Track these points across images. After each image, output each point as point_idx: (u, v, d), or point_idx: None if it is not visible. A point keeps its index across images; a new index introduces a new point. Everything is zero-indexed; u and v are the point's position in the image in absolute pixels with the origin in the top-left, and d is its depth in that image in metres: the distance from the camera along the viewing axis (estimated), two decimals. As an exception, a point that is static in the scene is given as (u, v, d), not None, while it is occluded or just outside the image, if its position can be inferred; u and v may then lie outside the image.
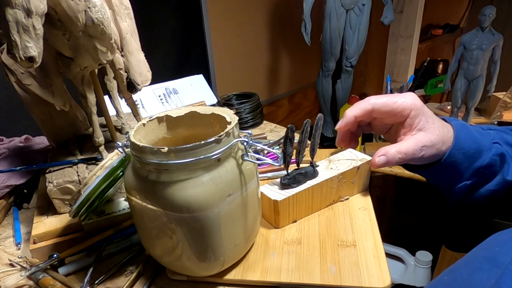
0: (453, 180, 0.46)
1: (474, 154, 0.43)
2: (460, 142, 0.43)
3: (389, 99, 0.44)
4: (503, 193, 0.44)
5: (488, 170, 0.44)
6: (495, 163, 0.43)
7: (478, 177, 0.44)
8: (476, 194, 0.45)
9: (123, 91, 0.58)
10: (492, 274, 0.28)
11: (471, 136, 0.44)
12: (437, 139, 0.43)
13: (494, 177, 0.44)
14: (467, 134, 0.44)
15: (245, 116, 0.93)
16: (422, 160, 0.44)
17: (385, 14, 1.19)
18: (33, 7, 0.38)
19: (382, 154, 0.45)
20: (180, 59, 1.26)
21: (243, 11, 1.39)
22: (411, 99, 0.44)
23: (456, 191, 0.46)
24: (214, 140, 0.37)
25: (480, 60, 1.23)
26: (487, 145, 0.44)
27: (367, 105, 0.45)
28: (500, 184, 0.44)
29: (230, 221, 0.41)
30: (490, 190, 0.44)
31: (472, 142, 0.44)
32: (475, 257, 0.32)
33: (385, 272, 0.44)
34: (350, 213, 0.55)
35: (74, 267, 0.49)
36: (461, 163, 0.44)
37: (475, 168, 0.44)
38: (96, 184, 0.45)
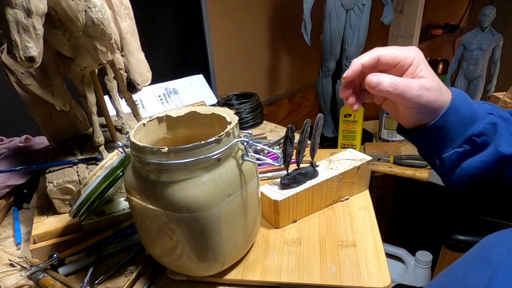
0: (443, 145, 0.45)
1: (468, 120, 0.43)
2: (456, 105, 0.43)
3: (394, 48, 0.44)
4: (494, 166, 0.43)
5: (480, 139, 0.43)
6: (487, 132, 0.43)
7: (470, 145, 0.44)
8: (466, 164, 0.45)
9: (123, 91, 0.58)
10: (485, 273, 0.28)
11: (468, 102, 0.44)
12: (437, 86, 0.43)
13: (485, 148, 0.44)
14: (465, 100, 0.44)
15: (245, 116, 0.93)
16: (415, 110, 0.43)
17: (385, 14, 1.19)
18: (33, 7, 0.38)
19: (376, 75, 0.43)
20: (180, 59, 1.26)
21: (243, 11, 1.39)
22: (414, 50, 0.44)
23: (446, 159, 0.45)
24: (214, 140, 0.37)
25: (480, 60, 1.23)
26: (482, 114, 0.44)
27: (373, 53, 0.44)
28: (492, 155, 0.43)
29: (230, 221, 0.41)
30: (481, 160, 0.44)
31: (468, 108, 0.43)
32: (470, 258, 0.32)
33: (385, 272, 0.44)
34: (350, 213, 0.55)
35: (74, 267, 0.49)
36: (454, 126, 0.43)
37: (468, 135, 0.44)
38: (96, 184, 0.45)
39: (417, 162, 1.12)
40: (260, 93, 1.03)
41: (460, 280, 0.30)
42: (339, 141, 1.25)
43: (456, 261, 0.33)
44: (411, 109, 0.43)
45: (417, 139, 0.48)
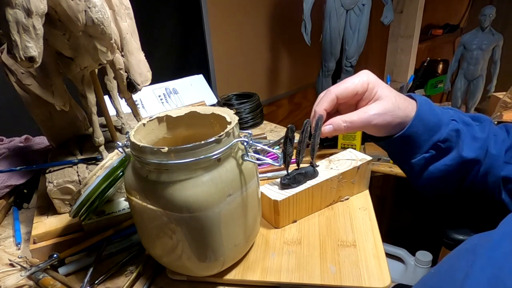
0: (412, 152, 0.48)
1: (434, 127, 0.46)
2: (422, 114, 0.46)
3: (347, 82, 0.47)
4: (457, 168, 0.47)
5: (445, 144, 0.46)
6: (451, 138, 0.46)
7: (435, 150, 0.47)
8: (432, 168, 0.48)
9: (123, 91, 0.58)
10: (469, 261, 0.31)
11: (433, 110, 0.47)
12: (393, 106, 0.45)
13: (449, 152, 0.47)
14: (429, 108, 0.47)
15: (245, 116, 0.93)
16: (378, 129, 0.47)
17: (385, 14, 1.19)
18: (33, 7, 0.38)
19: (329, 123, 0.48)
20: (180, 59, 1.26)
21: (243, 11, 1.39)
22: (366, 75, 0.47)
23: (414, 164, 0.49)
24: (214, 140, 0.37)
25: (480, 60, 1.23)
26: (446, 120, 0.47)
27: (330, 95, 0.47)
28: (455, 159, 0.47)
29: (230, 221, 0.41)
30: (445, 164, 0.47)
31: (433, 116, 0.46)
32: (458, 250, 0.35)
33: (385, 272, 0.44)
34: (350, 213, 0.55)
35: (74, 267, 0.49)
36: (421, 134, 0.47)
37: (434, 141, 0.47)
38: (96, 184, 0.45)
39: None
40: (260, 93, 1.03)
41: (447, 269, 0.34)
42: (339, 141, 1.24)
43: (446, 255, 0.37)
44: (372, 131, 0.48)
45: (387, 147, 0.52)
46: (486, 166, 0.47)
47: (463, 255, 0.33)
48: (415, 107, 0.47)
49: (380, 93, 0.46)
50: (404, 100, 0.47)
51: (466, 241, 0.35)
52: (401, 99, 0.47)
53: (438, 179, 0.48)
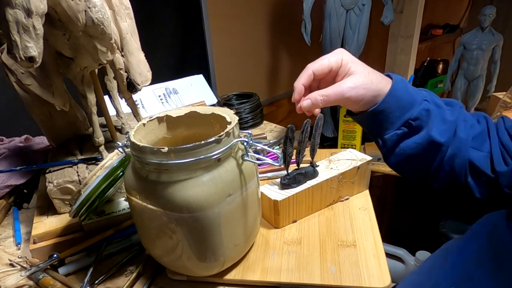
0: (385, 127, 0.50)
1: (406, 105, 0.48)
2: (396, 91, 0.48)
3: (323, 59, 0.49)
4: (426, 147, 0.49)
5: (416, 123, 0.49)
6: (422, 117, 0.48)
7: (407, 128, 0.49)
8: (403, 145, 0.50)
9: (123, 91, 0.58)
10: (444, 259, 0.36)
11: (407, 89, 0.49)
12: (365, 80, 0.48)
13: (420, 131, 0.49)
14: (404, 87, 0.49)
15: (245, 116, 0.93)
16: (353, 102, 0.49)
17: (385, 14, 1.19)
18: (33, 7, 0.38)
19: (307, 98, 0.49)
20: (180, 59, 1.25)
21: (243, 11, 1.39)
22: (340, 52, 0.50)
23: (387, 140, 0.51)
24: (214, 140, 0.37)
25: (480, 60, 1.23)
26: (419, 100, 0.49)
27: (307, 71, 0.49)
28: (424, 138, 0.49)
29: (230, 221, 0.41)
30: (416, 142, 0.49)
31: (407, 94, 0.49)
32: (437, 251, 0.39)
33: (385, 272, 0.44)
34: (350, 213, 0.55)
35: (74, 267, 0.49)
36: (394, 110, 0.49)
37: (405, 119, 0.49)
38: (96, 184, 0.45)
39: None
40: (260, 93, 1.03)
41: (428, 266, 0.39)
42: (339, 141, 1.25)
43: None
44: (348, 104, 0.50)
45: (362, 122, 0.54)
46: (454, 148, 0.49)
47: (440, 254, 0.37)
48: (389, 84, 0.49)
49: (354, 68, 0.49)
50: (378, 75, 0.49)
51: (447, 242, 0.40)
52: (375, 74, 0.49)
53: (409, 156, 0.50)
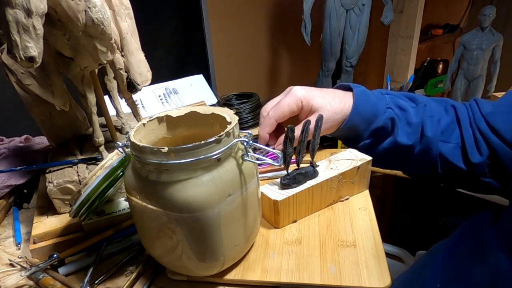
0: (356, 139, 0.55)
1: (371, 117, 0.51)
2: (358, 108, 0.50)
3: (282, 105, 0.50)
4: (395, 151, 0.52)
5: (382, 131, 0.52)
6: (387, 125, 0.51)
7: (375, 137, 0.53)
8: (375, 151, 0.54)
9: (123, 91, 0.58)
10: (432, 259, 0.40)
11: (369, 101, 0.51)
12: (330, 114, 0.50)
13: (387, 138, 0.52)
14: (366, 100, 0.51)
15: (245, 116, 0.93)
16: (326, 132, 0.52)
17: (385, 14, 1.19)
18: (33, 7, 0.38)
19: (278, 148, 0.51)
20: (180, 59, 1.26)
21: (243, 11, 1.39)
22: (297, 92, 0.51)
23: (360, 148, 0.56)
24: (214, 140, 0.37)
25: (480, 60, 1.23)
26: (382, 109, 0.51)
27: (270, 120, 0.51)
28: (391, 144, 0.52)
29: (230, 221, 0.41)
30: (384, 148, 0.53)
31: (370, 107, 0.51)
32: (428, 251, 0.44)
33: (385, 272, 0.44)
34: (350, 213, 0.55)
35: (74, 267, 0.49)
36: (359, 125, 0.52)
37: (372, 129, 0.52)
38: (96, 184, 0.45)
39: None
40: (260, 93, 1.03)
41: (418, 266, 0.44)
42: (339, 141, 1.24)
43: None
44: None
45: (336, 136, 0.57)
46: (422, 147, 0.51)
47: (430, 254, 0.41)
48: (351, 102, 0.51)
49: (316, 105, 0.50)
50: (339, 99, 0.51)
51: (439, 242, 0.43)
52: (336, 102, 0.51)
53: (382, 158, 0.55)
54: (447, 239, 0.46)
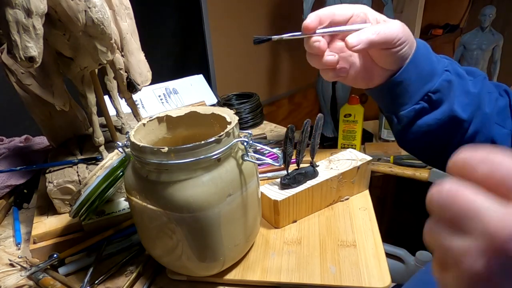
0: (402, 101, 0.45)
1: (427, 76, 0.43)
2: (418, 59, 0.43)
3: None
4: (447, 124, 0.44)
5: (436, 96, 0.43)
6: (443, 89, 0.43)
7: (426, 102, 0.44)
8: (421, 122, 0.45)
9: (123, 91, 0.58)
10: None
11: (429, 57, 0.44)
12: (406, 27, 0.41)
13: (440, 105, 0.44)
14: (426, 54, 0.43)
15: (245, 116, 0.93)
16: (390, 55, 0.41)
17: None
18: (33, 7, 0.38)
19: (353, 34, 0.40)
20: (180, 59, 1.25)
21: (243, 11, 1.39)
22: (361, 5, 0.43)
23: (403, 116, 0.45)
24: (214, 140, 0.37)
25: (480, 60, 1.23)
26: (440, 70, 0.44)
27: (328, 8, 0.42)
28: (445, 113, 0.43)
29: (230, 221, 0.41)
30: (435, 118, 0.44)
31: (428, 63, 0.43)
32: None
33: (385, 272, 0.44)
34: (350, 213, 0.55)
35: (74, 267, 0.49)
36: (413, 82, 0.43)
37: (425, 92, 0.43)
38: (96, 184, 0.45)
39: (417, 162, 1.12)
40: (260, 93, 1.03)
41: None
42: (339, 141, 1.25)
43: None
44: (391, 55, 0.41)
45: (378, 95, 0.48)
46: (477, 124, 0.44)
47: None
48: (414, 48, 0.43)
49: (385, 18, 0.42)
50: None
51: None
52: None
53: (426, 134, 0.45)
54: None
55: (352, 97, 1.19)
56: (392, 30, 0.40)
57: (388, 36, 0.39)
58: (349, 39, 0.39)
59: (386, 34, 0.39)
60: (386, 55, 0.42)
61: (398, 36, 0.40)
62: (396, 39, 0.40)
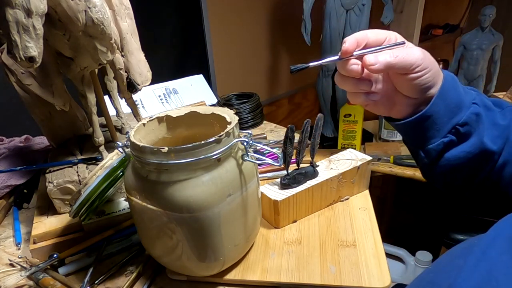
0: (430, 135, 0.45)
1: (455, 108, 0.43)
2: (446, 92, 0.43)
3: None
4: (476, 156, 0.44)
5: (464, 128, 0.43)
6: (471, 122, 0.43)
7: (454, 135, 0.44)
8: (449, 154, 0.44)
9: (123, 91, 0.58)
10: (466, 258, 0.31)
11: (457, 89, 0.44)
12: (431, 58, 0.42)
13: (469, 137, 0.44)
14: (454, 86, 0.43)
15: (245, 116, 0.93)
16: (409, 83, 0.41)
17: (385, 14, 1.19)
18: (33, 7, 0.38)
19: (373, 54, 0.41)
20: (180, 59, 1.25)
21: (243, 11, 1.39)
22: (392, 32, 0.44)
23: (431, 150, 0.45)
24: (214, 140, 0.37)
25: (480, 60, 1.23)
26: (468, 102, 0.43)
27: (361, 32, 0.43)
28: (474, 146, 0.43)
29: (230, 221, 0.41)
30: (464, 151, 0.44)
31: (456, 95, 0.43)
32: (456, 248, 0.35)
33: (385, 272, 0.44)
34: (350, 213, 0.55)
35: (74, 267, 0.49)
36: (442, 115, 0.43)
37: (453, 125, 0.43)
38: (96, 184, 0.45)
39: (417, 162, 1.12)
40: (260, 93, 1.03)
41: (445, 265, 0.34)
42: (339, 141, 1.25)
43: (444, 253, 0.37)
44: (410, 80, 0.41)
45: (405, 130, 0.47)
46: (506, 155, 0.44)
47: (460, 253, 0.33)
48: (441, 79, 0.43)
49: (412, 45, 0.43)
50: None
51: (464, 241, 0.35)
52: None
53: (454, 167, 0.45)
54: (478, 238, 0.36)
55: (352, 97, 1.18)
56: (411, 56, 0.40)
57: (406, 60, 0.40)
58: (368, 58, 0.40)
59: (405, 59, 0.40)
60: (405, 81, 0.42)
61: (417, 62, 0.40)
62: (414, 65, 0.40)
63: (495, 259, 0.29)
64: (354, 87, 0.44)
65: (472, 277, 0.29)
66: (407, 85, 0.42)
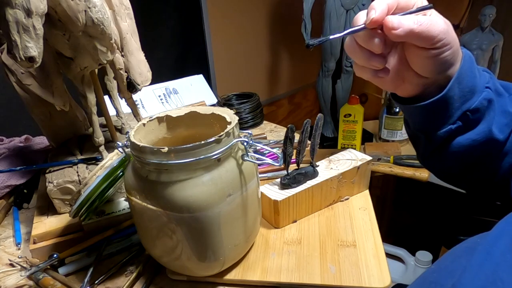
0: (440, 122, 0.41)
1: (468, 93, 0.40)
2: (462, 75, 0.39)
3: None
4: (482, 145, 0.41)
5: (474, 115, 0.40)
6: (482, 108, 0.40)
7: (463, 122, 0.41)
8: (455, 142, 0.41)
9: (123, 91, 0.58)
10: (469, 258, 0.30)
11: (473, 71, 0.40)
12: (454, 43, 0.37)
13: (477, 125, 0.41)
14: (471, 68, 0.40)
15: (245, 116, 0.93)
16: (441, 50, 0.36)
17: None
18: (33, 7, 0.38)
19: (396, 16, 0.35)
20: (180, 59, 1.26)
21: (243, 11, 1.39)
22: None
23: (438, 137, 0.42)
24: (214, 140, 0.37)
25: (480, 60, 1.23)
26: (481, 86, 0.40)
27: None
28: (482, 134, 0.40)
29: (230, 221, 0.41)
30: (471, 139, 0.41)
31: (472, 79, 0.39)
32: (459, 247, 0.34)
33: (385, 272, 0.44)
34: (350, 213, 0.55)
35: (74, 267, 0.49)
36: (455, 100, 0.40)
37: (463, 110, 0.40)
38: (96, 184, 0.45)
39: (417, 162, 1.12)
40: (260, 93, 1.03)
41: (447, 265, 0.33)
42: (339, 141, 1.25)
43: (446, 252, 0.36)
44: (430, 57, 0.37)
45: (414, 114, 0.44)
46: (509, 145, 0.41)
47: (463, 252, 0.33)
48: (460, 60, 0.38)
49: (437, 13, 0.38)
50: None
51: (467, 240, 0.34)
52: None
53: (458, 155, 0.42)
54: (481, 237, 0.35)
55: (352, 97, 1.19)
56: (435, 27, 0.35)
57: (430, 31, 0.35)
58: (391, 19, 0.35)
59: (428, 29, 0.35)
60: (422, 57, 0.37)
61: (440, 36, 0.35)
62: (437, 38, 0.35)
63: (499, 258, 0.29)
64: (365, 61, 0.39)
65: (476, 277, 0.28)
66: (423, 62, 0.38)
